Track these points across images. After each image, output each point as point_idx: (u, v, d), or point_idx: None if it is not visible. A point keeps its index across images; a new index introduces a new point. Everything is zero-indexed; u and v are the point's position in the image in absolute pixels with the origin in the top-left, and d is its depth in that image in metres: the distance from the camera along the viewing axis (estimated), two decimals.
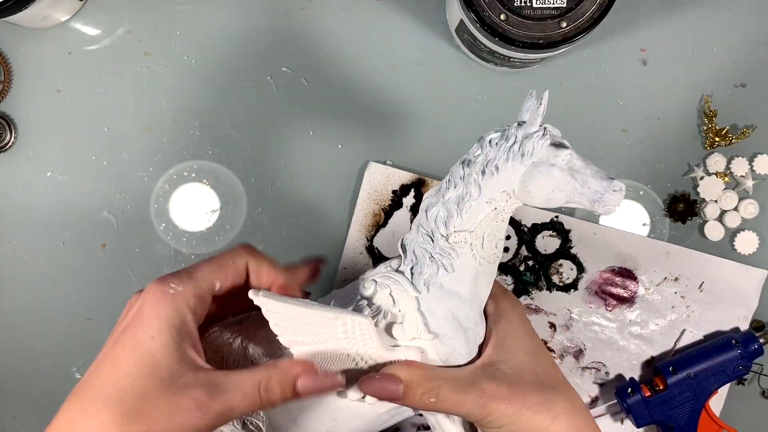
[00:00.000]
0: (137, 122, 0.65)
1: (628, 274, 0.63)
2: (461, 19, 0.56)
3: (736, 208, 0.63)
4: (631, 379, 0.62)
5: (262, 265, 0.42)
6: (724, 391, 0.62)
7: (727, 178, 0.63)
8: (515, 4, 0.52)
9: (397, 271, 0.44)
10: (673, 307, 0.63)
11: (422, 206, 0.44)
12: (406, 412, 0.46)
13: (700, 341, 0.63)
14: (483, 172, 0.41)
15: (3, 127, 0.64)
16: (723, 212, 0.64)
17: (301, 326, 0.40)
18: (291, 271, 0.44)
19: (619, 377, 0.64)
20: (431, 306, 0.43)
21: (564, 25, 0.52)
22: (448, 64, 0.64)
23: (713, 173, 0.63)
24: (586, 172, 0.40)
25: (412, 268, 0.44)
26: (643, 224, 0.64)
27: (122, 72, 0.65)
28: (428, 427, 0.63)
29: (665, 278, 0.63)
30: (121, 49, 0.65)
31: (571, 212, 0.64)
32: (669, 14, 0.64)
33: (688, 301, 0.63)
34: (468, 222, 0.42)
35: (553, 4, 0.52)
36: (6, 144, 0.64)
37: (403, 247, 0.44)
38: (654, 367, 0.62)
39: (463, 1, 0.52)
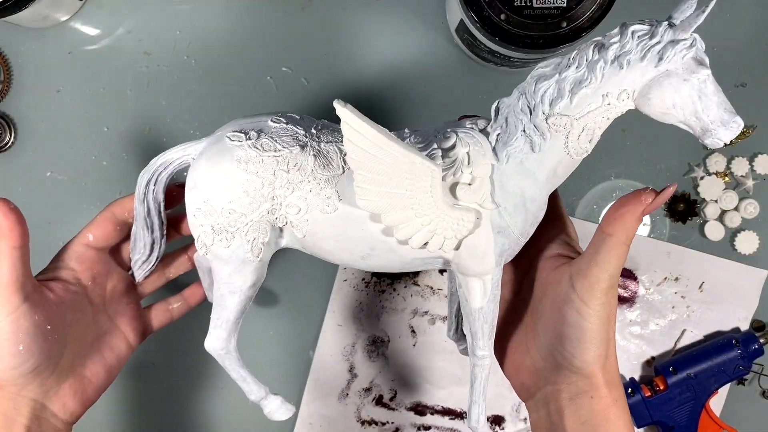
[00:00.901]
0: (137, 122, 0.65)
1: (628, 274, 0.63)
2: (461, 19, 0.56)
3: (736, 208, 0.63)
4: (632, 379, 0.62)
5: (124, 201, 0.50)
6: (724, 391, 0.62)
7: (727, 178, 0.63)
8: (515, 4, 0.52)
9: (482, 131, 0.43)
10: (673, 307, 0.63)
11: (533, 74, 0.41)
12: (437, 262, 0.45)
13: (701, 341, 0.63)
14: (612, 62, 0.39)
15: (3, 127, 0.64)
16: (723, 212, 0.63)
17: (372, 151, 0.39)
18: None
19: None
20: (504, 178, 0.42)
21: (564, 25, 0.52)
22: (448, 64, 0.64)
23: (713, 173, 0.63)
24: (713, 100, 0.38)
25: (498, 134, 0.42)
26: (644, 224, 0.64)
27: (122, 72, 0.65)
28: (428, 428, 0.63)
29: (665, 278, 0.63)
30: (121, 49, 0.65)
31: (571, 212, 0.64)
32: (669, 14, 0.63)
33: (688, 301, 0.63)
34: (576, 109, 0.40)
35: (553, 4, 0.52)
36: (6, 144, 0.64)
37: (497, 110, 0.43)
38: (654, 367, 0.62)
39: (463, 1, 0.52)
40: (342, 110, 0.37)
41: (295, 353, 0.65)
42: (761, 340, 0.61)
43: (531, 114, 0.41)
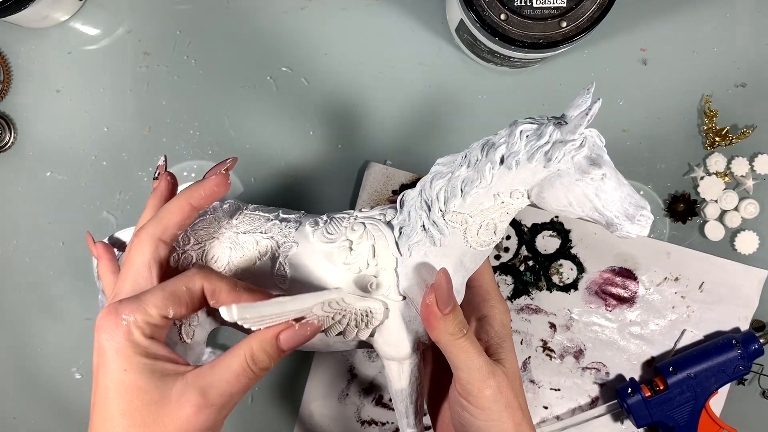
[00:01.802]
0: (137, 122, 0.65)
1: (628, 275, 0.63)
2: (461, 19, 0.56)
3: (736, 208, 0.63)
4: (632, 379, 0.62)
5: (221, 287, 0.40)
6: (724, 391, 0.62)
7: (727, 178, 0.63)
8: (515, 4, 0.52)
9: (388, 223, 0.44)
10: (673, 307, 0.63)
11: (431, 170, 0.42)
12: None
13: (701, 341, 0.63)
14: (501, 162, 0.38)
15: (2, 127, 0.64)
16: (723, 212, 0.63)
17: (280, 318, 0.39)
18: (252, 291, 0.42)
19: (620, 377, 0.64)
20: (409, 270, 0.43)
21: (564, 24, 0.52)
22: (448, 64, 0.64)
23: (713, 173, 0.63)
24: (614, 195, 0.37)
25: (401, 228, 0.43)
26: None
27: (122, 72, 0.65)
28: (428, 428, 0.63)
29: (665, 278, 0.63)
30: (121, 49, 0.64)
31: None
32: (669, 14, 0.64)
33: (688, 301, 0.63)
34: (469, 207, 0.40)
35: (554, 3, 0.52)
36: (5, 144, 0.64)
37: (401, 202, 0.44)
38: (654, 367, 0.62)
39: (463, 1, 0.52)
40: (234, 318, 0.36)
41: (295, 353, 0.65)
42: (761, 340, 0.61)
43: (429, 210, 0.41)
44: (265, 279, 0.46)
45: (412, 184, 0.63)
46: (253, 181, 0.64)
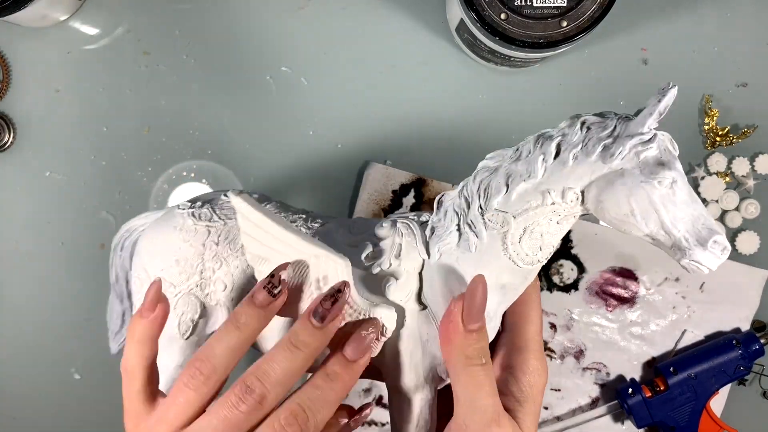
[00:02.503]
0: (136, 122, 0.64)
1: (628, 275, 0.63)
2: (461, 19, 0.56)
3: (737, 208, 0.63)
4: (632, 379, 0.62)
5: None
6: (725, 391, 0.62)
7: (728, 178, 0.63)
8: (515, 3, 0.52)
9: (421, 223, 0.39)
10: (674, 307, 0.63)
11: (478, 166, 0.37)
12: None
13: (701, 342, 0.63)
14: (556, 154, 0.34)
15: (1, 127, 0.64)
16: (724, 212, 0.63)
17: (273, 245, 0.36)
18: None
19: (620, 378, 0.64)
20: (434, 276, 0.37)
21: (564, 24, 0.52)
22: (448, 63, 0.64)
23: (714, 173, 0.63)
24: (685, 211, 0.32)
25: (434, 228, 0.38)
26: None
27: (121, 71, 0.64)
28: None
29: (666, 278, 0.63)
30: (121, 49, 0.64)
31: None
32: (670, 14, 0.63)
33: (689, 301, 0.63)
34: (513, 205, 0.35)
35: (554, 3, 0.52)
36: (5, 144, 0.64)
37: (439, 202, 0.38)
38: (655, 367, 0.62)
39: (463, 1, 0.52)
40: (236, 200, 0.34)
41: None
42: (762, 341, 0.61)
43: (468, 209, 0.36)
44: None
45: (411, 184, 0.63)
46: (253, 181, 0.64)
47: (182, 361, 0.43)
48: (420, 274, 0.38)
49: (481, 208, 0.35)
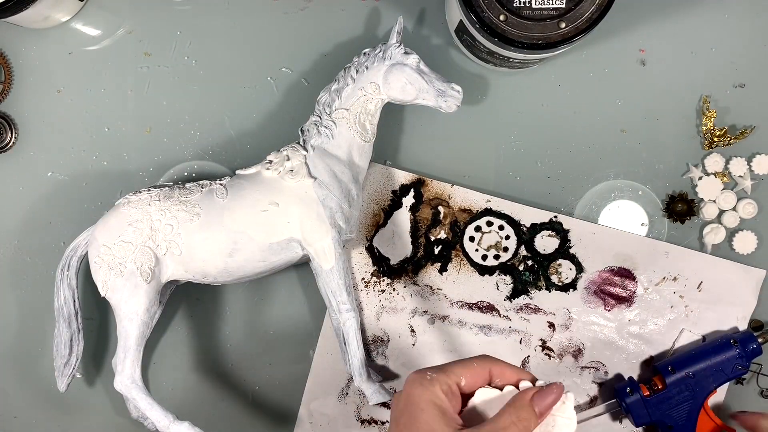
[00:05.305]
0: (137, 122, 0.65)
1: (626, 274, 0.63)
2: (461, 20, 0.57)
3: (734, 208, 0.64)
4: (630, 378, 0.62)
5: (505, 369, 0.47)
6: (722, 390, 0.63)
7: (725, 178, 0.64)
8: (514, 5, 0.53)
9: (296, 143, 0.60)
10: (671, 306, 0.63)
11: (316, 99, 0.59)
12: (291, 247, 0.58)
13: (699, 341, 0.63)
14: (357, 71, 0.58)
15: (3, 127, 0.64)
16: (721, 212, 0.64)
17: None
18: (530, 374, 0.48)
19: (618, 377, 0.64)
20: (315, 162, 0.58)
21: (563, 25, 0.53)
22: (448, 64, 0.64)
23: (712, 173, 0.64)
24: (432, 76, 0.57)
25: (305, 136, 0.59)
26: (642, 224, 0.64)
27: (123, 72, 0.65)
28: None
29: (664, 278, 0.63)
30: (122, 50, 0.65)
31: (570, 212, 0.64)
32: (668, 15, 0.64)
33: (686, 300, 0.63)
34: (345, 103, 0.58)
35: (552, 4, 0.53)
36: (6, 144, 0.65)
37: (301, 130, 0.60)
38: (653, 366, 0.63)
39: (462, 2, 0.53)
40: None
41: (295, 353, 0.65)
42: (759, 340, 0.61)
43: (321, 118, 0.58)
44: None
45: (411, 184, 0.63)
46: None
47: (149, 304, 0.56)
48: (305, 163, 0.58)
49: (327, 113, 0.58)
